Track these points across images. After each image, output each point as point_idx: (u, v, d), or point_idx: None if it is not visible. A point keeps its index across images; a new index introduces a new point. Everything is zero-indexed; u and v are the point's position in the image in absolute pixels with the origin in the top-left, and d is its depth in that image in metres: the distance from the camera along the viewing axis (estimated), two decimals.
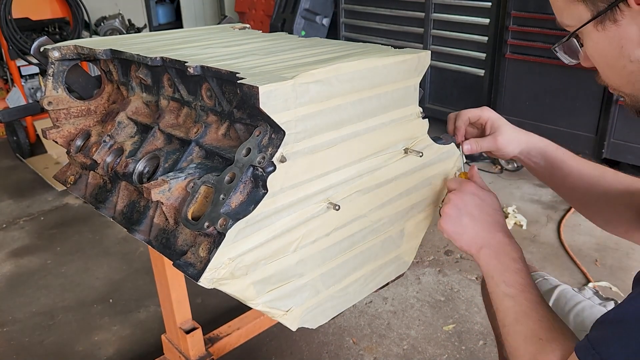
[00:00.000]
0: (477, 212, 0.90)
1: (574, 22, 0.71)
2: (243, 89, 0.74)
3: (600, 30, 0.67)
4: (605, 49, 0.69)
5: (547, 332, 0.76)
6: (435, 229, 2.77)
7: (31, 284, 2.26)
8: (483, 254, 0.88)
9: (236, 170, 0.78)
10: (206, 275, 0.75)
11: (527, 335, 0.77)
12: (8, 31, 3.33)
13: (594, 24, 0.67)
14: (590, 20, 0.67)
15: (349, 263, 0.96)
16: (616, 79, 0.71)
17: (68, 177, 1.13)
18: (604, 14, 0.65)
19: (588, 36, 0.70)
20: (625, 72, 0.68)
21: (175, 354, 1.65)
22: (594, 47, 0.70)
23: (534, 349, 0.75)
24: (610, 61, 0.69)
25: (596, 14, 0.66)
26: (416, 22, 3.47)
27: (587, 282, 2.13)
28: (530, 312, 0.79)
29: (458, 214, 0.90)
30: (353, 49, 1.00)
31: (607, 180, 1.00)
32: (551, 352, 0.73)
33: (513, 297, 0.81)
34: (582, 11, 0.68)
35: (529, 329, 0.77)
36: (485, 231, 0.89)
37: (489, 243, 0.88)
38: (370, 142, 0.91)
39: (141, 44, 1.13)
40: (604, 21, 0.66)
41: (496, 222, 0.90)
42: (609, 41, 0.67)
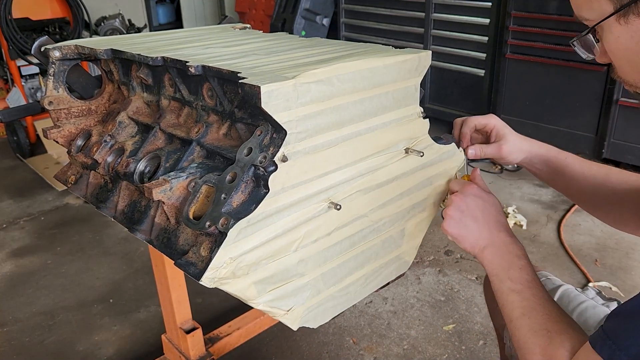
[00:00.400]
0: (480, 214, 0.91)
1: (594, 15, 0.69)
2: (244, 88, 0.74)
3: (623, 24, 0.66)
4: (627, 44, 0.67)
5: (555, 324, 0.76)
6: (435, 229, 2.77)
7: (31, 284, 2.27)
8: (487, 254, 0.88)
9: (237, 169, 0.78)
10: (208, 275, 0.75)
11: (535, 329, 0.77)
12: (8, 31, 3.33)
13: (617, 17, 0.66)
14: (613, 13, 0.66)
15: (349, 263, 0.96)
16: (635, 74, 0.70)
17: (69, 177, 1.13)
18: (628, 6, 0.64)
19: (609, 30, 0.68)
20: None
21: (175, 354, 1.65)
22: (615, 41, 0.68)
23: (543, 341, 0.75)
24: (631, 56, 0.68)
25: (619, 7, 0.65)
26: (416, 22, 3.47)
27: (587, 282, 2.13)
28: (537, 306, 0.79)
29: (461, 216, 0.91)
30: (353, 49, 1.00)
31: (612, 180, 1.01)
32: (560, 344, 0.73)
33: (519, 293, 0.82)
34: (604, 4, 0.66)
35: (536, 322, 0.78)
36: (488, 231, 0.90)
37: (493, 242, 0.89)
38: (371, 142, 0.91)
39: (142, 43, 1.13)
40: (627, 14, 0.64)
41: (498, 222, 0.91)
42: (632, 35, 0.65)
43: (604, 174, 1.02)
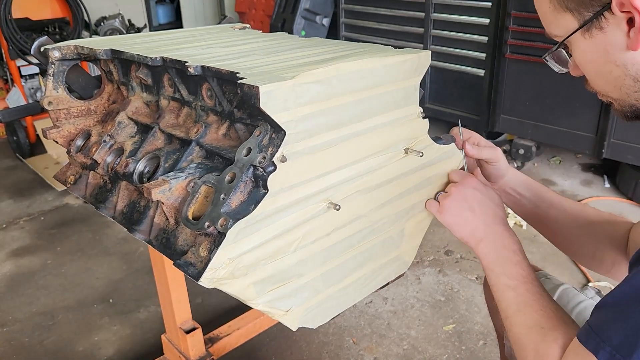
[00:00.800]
0: (477, 206, 0.91)
1: (562, 32, 0.73)
2: (243, 88, 0.74)
3: (587, 38, 0.70)
4: (592, 56, 0.71)
5: (549, 320, 0.77)
6: (435, 229, 2.76)
7: (31, 284, 2.27)
8: (482, 247, 0.89)
9: (236, 170, 0.78)
10: (206, 275, 0.75)
11: (529, 325, 0.78)
12: (8, 31, 3.33)
13: (582, 33, 0.70)
14: (578, 29, 0.70)
15: (349, 263, 0.96)
16: (604, 84, 0.73)
17: (68, 177, 1.13)
18: (591, 22, 0.68)
19: (576, 44, 0.72)
20: (612, 77, 0.71)
21: (175, 354, 1.65)
22: (582, 54, 0.73)
23: (537, 338, 0.76)
24: (598, 67, 0.71)
25: (583, 23, 0.69)
26: (416, 22, 3.47)
27: (587, 281, 2.13)
28: (532, 302, 0.80)
29: (458, 206, 0.92)
30: (353, 49, 1.00)
31: (588, 213, 1.04)
32: (553, 341, 0.74)
33: (514, 289, 0.83)
34: (570, 21, 0.71)
35: (531, 318, 0.79)
36: (484, 224, 0.90)
37: (488, 236, 0.89)
38: (370, 142, 0.91)
39: (141, 44, 1.13)
40: (590, 29, 0.68)
41: (495, 216, 0.92)
42: (596, 48, 0.69)
43: (580, 207, 1.05)
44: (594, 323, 0.67)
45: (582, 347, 0.67)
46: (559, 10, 0.71)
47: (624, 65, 0.68)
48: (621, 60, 0.68)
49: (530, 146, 3.06)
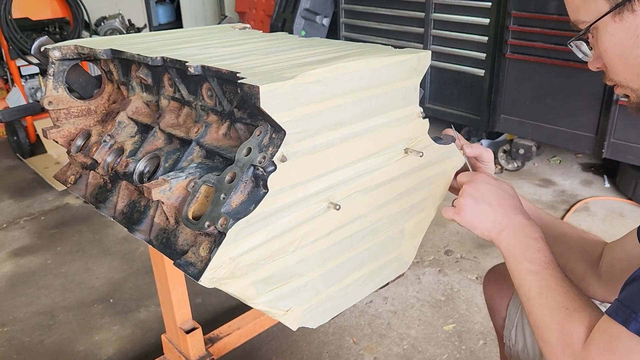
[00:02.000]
0: (494, 199, 0.91)
1: (591, 16, 0.73)
2: (244, 88, 0.74)
3: (617, 22, 0.70)
4: (621, 40, 0.71)
5: (573, 302, 0.77)
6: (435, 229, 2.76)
7: (32, 284, 2.27)
8: (504, 236, 0.89)
9: (237, 169, 0.78)
10: (207, 275, 0.75)
11: (552, 306, 0.78)
12: (8, 31, 3.33)
13: (612, 16, 0.70)
14: (610, 11, 0.70)
15: (349, 263, 0.96)
16: (626, 72, 0.73)
17: (68, 177, 1.13)
18: (623, 4, 0.69)
19: (604, 29, 0.72)
20: (637, 64, 0.71)
21: (175, 354, 1.65)
22: (610, 39, 0.72)
23: (561, 318, 0.76)
24: (625, 52, 0.72)
25: (615, 5, 0.69)
26: (416, 22, 3.47)
27: None
28: (555, 285, 0.80)
29: (475, 203, 0.91)
30: (353, 49, 1.00)
31: (563, 226, 1.05)
32: (579, 321, 0.74)
33: (536, 273, 0.83)
34: (600, 4, 0.71)
35: (554, 300, 0.78)
36: (504, 215, 0.90)
37: (509, 225, 0.89)
38: (370, 142, 0.91)
39: (141, 43, 1.13)
40: (622, 12, 0.69)
41: (514, 206, 0.91)
42: (625, 31, 0.70)
43: (556, 220, 1.06)
44: (624, 298, 0.68)
45: (611, 321, 0.68)
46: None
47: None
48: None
49: (530, 146, 3.06)
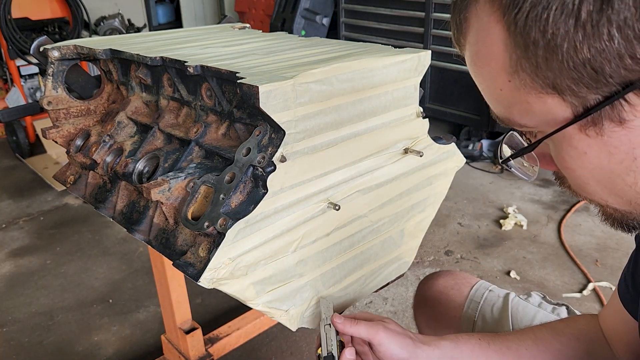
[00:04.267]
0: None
1: (535, 121, 0.46)
2: (243, 88, 0.74)
3: (592, 136, 0.44)
4: (600, 161, 0.45)
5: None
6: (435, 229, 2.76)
7: (31, 284, 2.26)
8: None
9: (236, 170, 0.78)
10: (206, 275, 0.74)
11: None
12: (7, 31, 3.33)
13: (580, 126, 0.44)
14: (575, 120, 0.43)
15: (349, 263, 0.96)
16: (608, 195, 0.49)
17: (68, 177, 1.12)
18: (599, 110, 0.42)
19: (567, 142, 0.46)
20: (630, 192, 0.46)
21: (175, 354, 1.65)
22: (578, 157, 0.46)
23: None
24: (606, 176, 0.46)
25: (583, 112, 0.43)
26: (416, 22, 3.46)
27: (587, 282, 2.13)
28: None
29: None
30: (353, 48, 0.99)
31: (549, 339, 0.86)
32: None
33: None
34: (556, 106, 0.44)
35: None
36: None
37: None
38: (370, 142, 0.91)
39: (141, 43, 1.13)
40: (599, 121, 0.43)
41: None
42: (609, 150, 0.44)
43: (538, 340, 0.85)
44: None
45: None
46: (531, 90, 0.43)
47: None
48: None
49: None
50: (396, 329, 0.80)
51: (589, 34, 0.38)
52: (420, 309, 1.16)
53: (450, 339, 0.81)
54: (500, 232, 2.53)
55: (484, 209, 2.75)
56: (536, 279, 2.18)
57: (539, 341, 0.82)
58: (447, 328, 1.08)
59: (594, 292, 2.07)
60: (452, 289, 1.10)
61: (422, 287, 1.16)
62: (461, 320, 1.07)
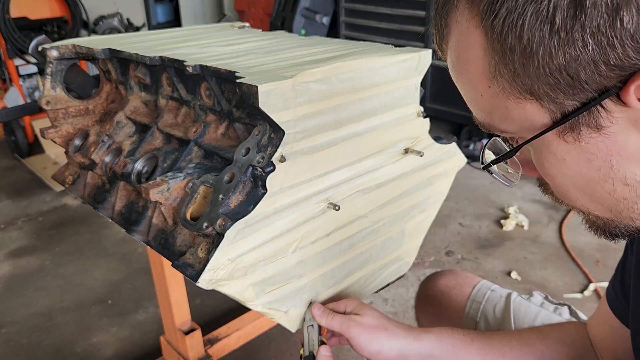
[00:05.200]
0: None
1: (514, 127, 0.46)
2: (242, 88, 0.73)
3: (570, 142, 0.44)
4: (579, 167, 0.45)
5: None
6: (436, 229, 2.75)
7: (29, 285, 2.25)
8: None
9: (235, 170, 0.77)
10: (205, 276, 0.74)
11: None
12: (6, 30, 3.32)
13: (558, 132, 0.44)
14: (553, 126, 0.43)
15: (349, 264, 0.95)
16: (589, 202, 0.49)
17: (66, 177, 1.12)
18: (577, 117, 0.42)
19: (546, 148, 0.46)
20: (609, 199, 0.46)
21: (174, 355, 1.64)
22: (557, 163, 0.46)
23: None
24: (585, 183, 0.46)
25: (561, 118, 0.43)
26: (417, 21, 3.46)
27: (588, 282, 2.13)
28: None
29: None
30: (353, 48, 0.99)
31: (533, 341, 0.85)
32: None
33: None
34: (534, 112, 0.44)
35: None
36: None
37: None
38: (370, 141, 0.90)
39: (140, 43, 1.12)
40: (577, 127, 0.43)
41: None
42: (587, 157, 0.44)
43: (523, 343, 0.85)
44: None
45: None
46: (510, 96, 0.44)
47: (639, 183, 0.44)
48: (635, 177, 0.44)
49: None
50: (371, 322, 0.81)
51: (564, 40, 0.38)
52: (422, 309, 1.15)
53: (434, 333, 0.81)
54: (501, 233, 2.52)
55: (485, 209, 2.74)
56: (537, 279, 2.17)
57: (523, 342, 0.82)
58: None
59: (595, 292, 2.07)
60: (453, 288, 1.10)
61: (423, 286, 1.15)
62: (463, 321, 1.06)
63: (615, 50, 0.37)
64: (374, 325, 0.81)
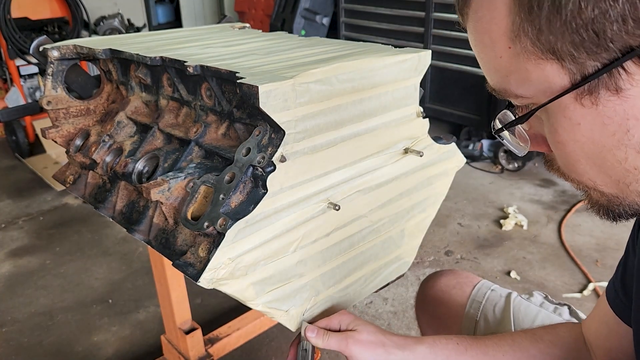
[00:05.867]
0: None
1: (532, 90, 0.46)
2: (243, 88, 0.74)
3: (587, 106, 0.43)
4: (592, 135, 0.44)
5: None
6: (435, 229, 2.75)
7: (30, 284, 2.26)
8: None
9: (236, 170, 0.78)
10: (205, 276, 0.74)
11: None
12: (7, 31, 3.32)
13: (576, 95, 0.43)
14: (572, 88, 0.43)
15: (349, 263, 0.96)
16: (599, 175, 0.48)
17: (67, 177, 1.12)
18: (597, 78, 0.41)
19: (561, 112, 0.45)
20: (619, 168, 0.45)
21: (174, 354, 1.65)
22: (571, 128, 0.45)
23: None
24: (597, 150, 0.45)
25: (581, 80, 0.42)
26: (417, 22, 3.46)
27: (587, 282, 2.13)
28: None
29: None
30: (353, 48, 0.99)
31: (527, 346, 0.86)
32: None
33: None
34: (554, 74, 0.43)
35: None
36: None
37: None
38: (370, 142, 0.91)
39: (140, 43, 1.12)
40: (596, 90, 0.42)
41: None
42: (603, 120, 0.43)
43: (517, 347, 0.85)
44: None
45: None
46: (531, 56, 0.43)
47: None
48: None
49: None
50: (368, 338, 0.81)
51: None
52: (422, 308, 1.16)
53: (427, 343, 0.82)
54: (500, 232, 2.53)
55: (484, 209, 2.75)
56: (536, 279, 2.17)
57: (516, 346, 0.83)
58: (448, 328, 1.08)
59: (594, 292, 2.07)
60: (454, 288, 1.10)
61: (423, 286, 1.15)
62: (463, 320, 1.06)
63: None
64: (371, 341, 0.80)
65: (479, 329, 1.04)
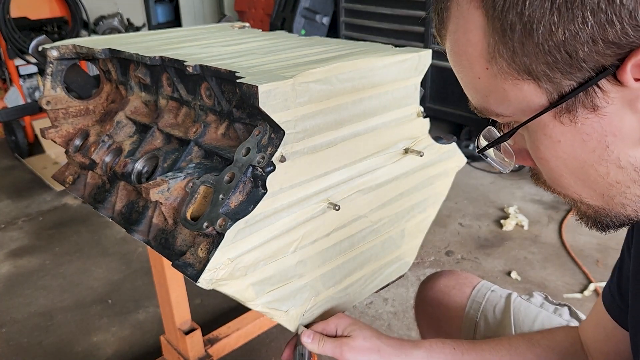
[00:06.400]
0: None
1: (511, 110, 0.46)
2: (242, 88, 0.73)
3: (566, 123, 0.44)
4: (573, 149, 0.45)
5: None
6: (436, 229, 2.75)
7: (30, 285, 2.26)
8: None
9: (235, 170, 0.78)
10: (205, 276, 0.74)
11: None
12: (6, 30, 3.32)
13: (555, 113, 0.44)
14: (549, 108, 0.43)
15: (349, 264, 0.96)
16: (581, 188, 0.48)
17: (66, 177, 1.12)
18: (574, 97, 0.42)
19: (541, 130, 0.46)
20: (602, 182, 0.46)
21: (174, 355, 1.64)
22: (552, 146, 0.46)
23: None
24: (579, 165, 0.46)
25: (558, 99, 0.43)
26: (417, 21, 3.46)
27: (588, 282, 2.13)
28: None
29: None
30: (353, 48, 0.99)
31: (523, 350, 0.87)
32: None
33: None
34: (531, 93, 0.44)
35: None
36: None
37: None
38: (370, 141, 0.90)
39: (140, 43, 1.12)
40: (573, 108, 0.43)
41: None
42: (582, 137, 0.44)
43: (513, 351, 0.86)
44: None
45: None
46: (507, 77, 0.44)
47: (633, 166, 0.44)
48: (629, 159, 0.44)
49: None
50: (363, 344, 0.80)
51: (564, 17, 0.39)
52: (422, 309, 1.15)
53: (424, 348, 0.82)
54: (501, 233, 2.53)
55: (484, 209, 2.74)
56: (537, 279, 2.17)
57: (513, 351, 0.83)
58: (448, 329, 1.08)
59: (595, 292, 2.07)
60: (453, 289, 1.10)
61: (423, 287, 1.15)
62: (463, 321, 1.06)
63: (614, 27, 0.38)
64: (366, 347, 0.80)
65: (479, 330, 1.04)
